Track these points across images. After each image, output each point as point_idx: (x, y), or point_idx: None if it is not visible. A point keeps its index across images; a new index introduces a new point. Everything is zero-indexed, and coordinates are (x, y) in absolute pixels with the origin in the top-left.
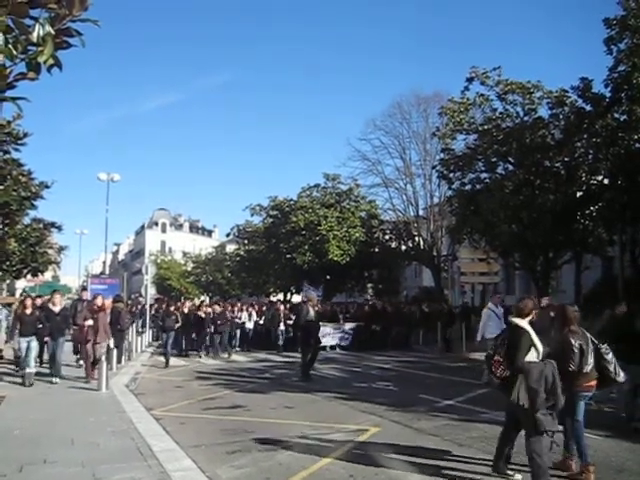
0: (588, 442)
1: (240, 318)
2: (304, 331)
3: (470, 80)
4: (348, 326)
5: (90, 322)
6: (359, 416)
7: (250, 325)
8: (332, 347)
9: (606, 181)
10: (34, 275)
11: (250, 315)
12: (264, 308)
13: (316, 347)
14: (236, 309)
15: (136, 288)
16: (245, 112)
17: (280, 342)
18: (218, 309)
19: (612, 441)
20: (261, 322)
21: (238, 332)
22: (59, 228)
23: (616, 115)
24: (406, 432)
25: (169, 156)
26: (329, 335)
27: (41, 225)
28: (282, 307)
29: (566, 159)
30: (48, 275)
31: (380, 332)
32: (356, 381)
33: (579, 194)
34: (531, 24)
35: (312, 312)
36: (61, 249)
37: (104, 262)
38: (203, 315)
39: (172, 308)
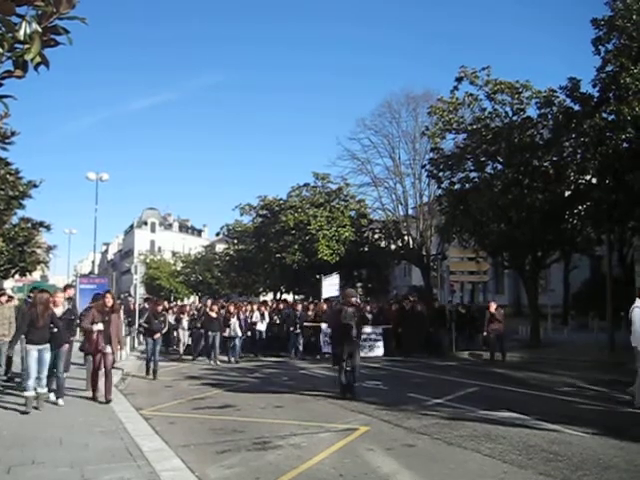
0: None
1: (251, 318)
2: (340, 337)
3: (459, 80)
4: (375, 330)
5: (100, 326)
6: (348, 415)
7: (262, 327)
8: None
9: (594, 180)
10: (22, 275)
11: (262, 315)
12: (277, 307)
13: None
14: (248, 309)
15: (125, 288)
16: (235, 112)
17: (300, 346)
18: (232, 309)
19: (600, 438)
20: (277, 322)
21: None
22: (47, 228)
23: (604, 115)
24: (395, 431)
25: (158, 156)
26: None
27: (29, 224)
28: (300, 306)
29: (554, 158)
30: (36, 275)
31: (409, 335)
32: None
33: (567, 193)
34: (520, 23)
35: (350, 313)
36: (50, 249)
37: (93, 262)
38: (214, 315)
39: (160, 308)
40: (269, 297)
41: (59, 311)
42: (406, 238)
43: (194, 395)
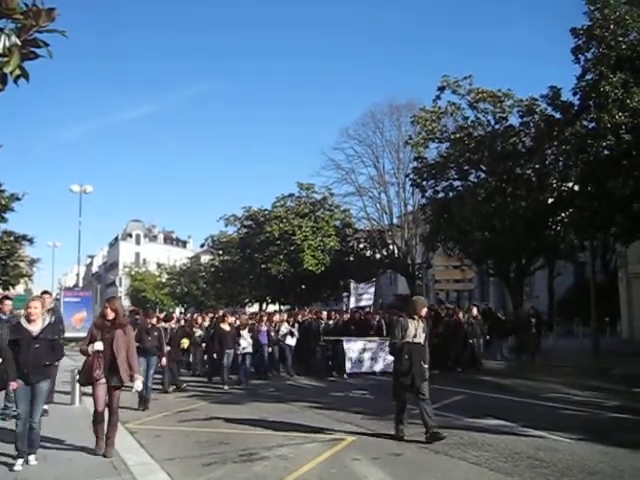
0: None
1: (278, 332)
2: (407, 362)
3: (442, 89)
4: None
5: (99, 346)
6: (335, 425)
7: (292, 342)
8: (381, 373)
9: (576, 188)
10: (5, 288)
11: (292, 328)
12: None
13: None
14: (276, 318)
15: None
16: (218, 124)
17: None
18: (247, 319)
19: (585, 444)
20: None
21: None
22: (31, 241)
23: (585, 123)
24: (382, 440)
25: (143, 168)
26: (370, 357)
27: (12, 238)
28: (325, 314)
29: (537, 166)
30: (20, 288)
31: (444, 347)
32: (332, 390)
33: (550, 201)
34: (503, 31)
35: (413, 328)
36: (33, 262)
37: (78, 274)
38: (227, 328)
39: (154, 321)
40: (255, 308)
41: (37, 327)
42: (391, 247)
43: (180, 408)
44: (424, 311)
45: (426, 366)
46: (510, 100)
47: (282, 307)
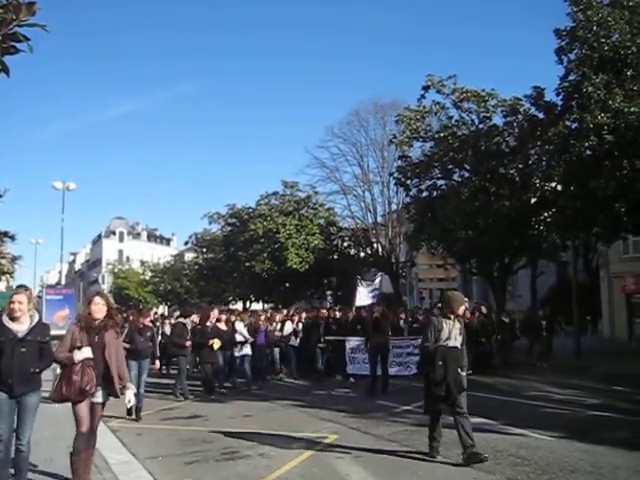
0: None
1: (282, 331)
2: (441, 369)
3: (426, 88)
4: (413, 342)
5: (86, 352)
6: (318, 423)
7: (296, 342)
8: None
9: (559, 187)
10: None
11: (297, 328)
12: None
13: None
14: (278, 318)
15: None
16: (202, 123)
17: (320, 365)
18: (262, 319)
19: (566, 442)
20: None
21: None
22: (12, 238)
23: (568, 123)
24: (365, 438)
25: (126, 166)
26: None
27: None
28: (325, 312)
29: (520, 166)
30: (1, 286)
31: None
32: (315, 388)
33: (533, 200)
34: (487, 30)
35: (448, 330)
36: (15, 259)
37: (60, 272)
38: (224, 327)
39: (147, 320)
40: (238, 306)
41: (23, 327)
42: (375, 246)
43: (162, 406)
44: (462, 309)
45: (463, 374)
46: (494, 100)
47: (265, 305)
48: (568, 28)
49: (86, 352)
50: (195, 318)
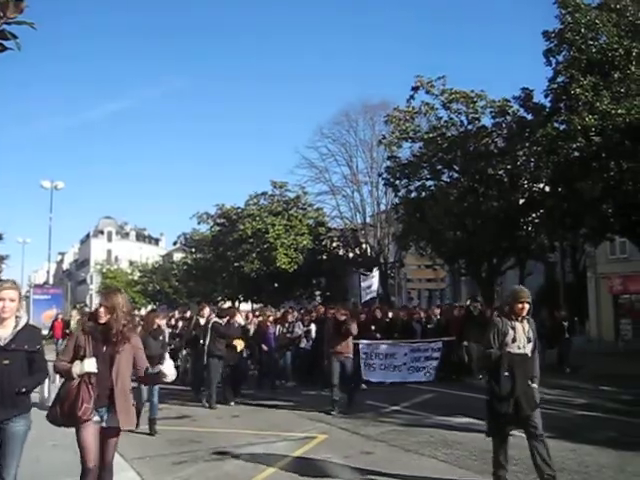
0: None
1: (292, 333)
2: (509, 380)
3: (415, 89)
4: (432, 345)
5: (90, 366)
6: (306, 424)
7: (308, 345)
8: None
9: (547, 188)
10: None
11: (309, 329)
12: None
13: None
14: (290, 318)
15: (81, 298)
16: (191, 121)
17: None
18: (270, 320)
19: (553, 441)
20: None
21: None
22: None
23: (556, 124)
24: (353, 439)
25: (115, 165)
26: (402, 363)
27: None
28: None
29: (509, 167)
30: None
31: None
32: (304, 389)
33: (522, 201)
34: (476, 31)
35: (514, 333)
36: (1, 258)
37: (48, 272)
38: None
39: (161, 322)
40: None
41: (6, 332)
42: (364, 246)
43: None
44: (527, 308)
45: (535, 386)
46: (483, 101)
47: (254, 305)
48: (556, 30)
49: (88, 365)
50: (239, 319)
